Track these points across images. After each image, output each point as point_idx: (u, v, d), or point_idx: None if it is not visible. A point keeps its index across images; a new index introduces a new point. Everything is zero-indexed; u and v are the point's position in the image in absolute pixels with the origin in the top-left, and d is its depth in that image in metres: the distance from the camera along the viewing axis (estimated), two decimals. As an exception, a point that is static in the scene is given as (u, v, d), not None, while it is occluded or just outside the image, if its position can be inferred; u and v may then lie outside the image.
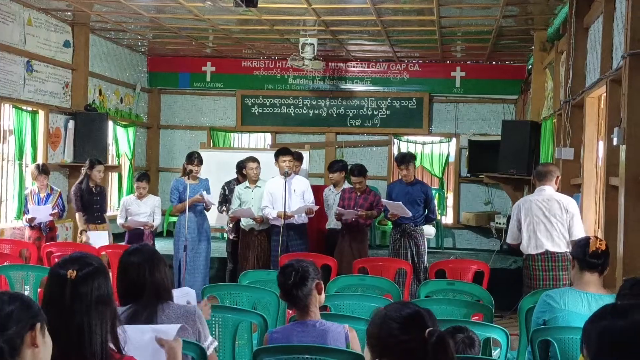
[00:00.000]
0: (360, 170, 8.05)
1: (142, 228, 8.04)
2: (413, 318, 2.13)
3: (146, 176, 8.36)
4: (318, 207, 8.03)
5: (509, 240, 6.49)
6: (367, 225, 8.13)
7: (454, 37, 10.23)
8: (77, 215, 8.16)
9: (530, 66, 10.65)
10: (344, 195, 8.12)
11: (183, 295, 3.53)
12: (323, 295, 3.40)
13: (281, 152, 8.03)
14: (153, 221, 8.16)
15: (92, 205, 8.05)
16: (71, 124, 9.89)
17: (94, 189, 8.13)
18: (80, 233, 8.17)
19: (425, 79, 12.31)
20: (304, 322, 3.35)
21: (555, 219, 6.04)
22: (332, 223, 8.48)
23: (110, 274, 2.56)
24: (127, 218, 8.16)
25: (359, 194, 8.04)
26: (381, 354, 2.15)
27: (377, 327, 2.17)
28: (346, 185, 8.57)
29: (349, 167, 8.41)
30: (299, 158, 8.73)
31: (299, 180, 8.12)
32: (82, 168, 8.24)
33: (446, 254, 10.79)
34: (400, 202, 7.45)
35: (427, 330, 2.07)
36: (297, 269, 3.31)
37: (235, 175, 8.76)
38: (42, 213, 7.89)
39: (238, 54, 12.35)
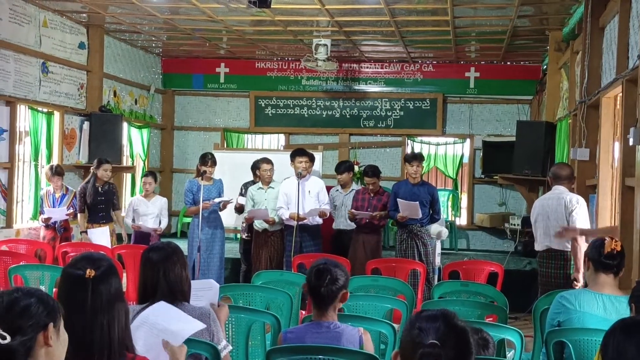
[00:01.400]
0: (374, 171, 8.05)
1: (149, 232, 8.08)
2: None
3: (152, 173, 8.45)
4: (330, 209, 8.03)
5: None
6: (381, 225, 8.12)
7: (468, 38, 10.20)
8: (79, 215, 8.19)
9: (545, 66, 10.60)
10: (357, 197, 8.12)
11: (205, 288, 3.52)
12: (341, 304, 3.41)
13: (297, 152, 8.05)
14: (160, 224, 8.21)
15: (96, 205, 8.08)
16: (86, 125, 9.95)
17: (100, 188, 8.14)
18: (81, 234, 8.21)
19: (439, 79, 12.28)
20: (319, 323, 3.35)
21: (556, 215, 6.07)
22: (340, 224, 8.48)
23: (125, 274, 2.60)
24: (133, 218, 8.20)
25: (372, 194, 8.04)
26: None
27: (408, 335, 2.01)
28: (355, 186, 8.58)
29: (363, 169, 8.41)
30: (310, 159, 8.73)
31: (313, 181, 8.12)
32: (91, 168, 8.28)
33: (460, 255, 10.76)
34: (417, 203, 7.43)
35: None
36: (333, 276, 3.31)
37: (250, 175, 8.79)
38: (58, 213, 7.95)
39: (251, 55, 12.38)
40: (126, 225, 8.43)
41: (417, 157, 7.90)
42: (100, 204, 8.10)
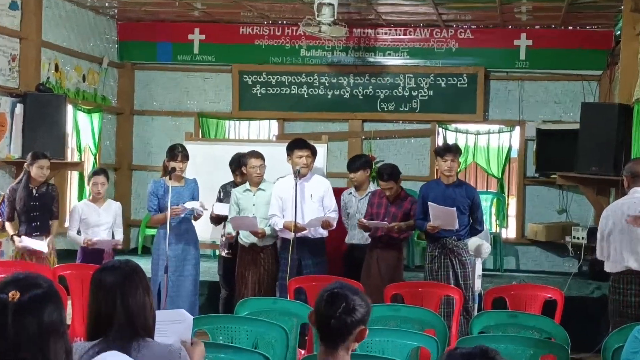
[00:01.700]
0: (391, 173, 8.07)
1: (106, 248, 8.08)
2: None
3: (104, 171, 8.45)
4: (336, 218, 8.04)
5: (598, 256, 6.54)
6: (402, 239, 8.12)
7: (518, -6, 10.21)
8: (7, 225, 8.16)
9: (619, 32, 10.58)
10: (373, 201, 8.13)
11: (175, 321, 3.52)
12: (357, 344, 3.39)
13: (296, 144, 8.06)
14: (113, 236, 8.23)
15: (29, 212, 8.05)
16: (19, 108, 9.95)
17: (34, 190, 8.13)
18: (12, 238, 8.16)
19: (479, 49, 12.26)
20: (326, 366, 3.35)
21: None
22: (355, 237, 8.48)
23: (70, 301, 2.60)
24: (79, 230, 8.19)
25: (390, 200, 8.05)
26: None
27: None
28: (372, 187, 8.57)
29: (377, 170, 8.41)
30: (313, 153, 8.74)
31: (317, 181, 8.13)
32: (25, 164, 8.27)
33: (507, 278, 10.74)
34: (454, 209, 7.43)
35: None
36: (350, 305, 3.29)
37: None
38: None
39: (235, 19, 12.39)
40: (69, 240, 8.42)
41: (452, 150, 7.89)
42: (33, 211, 8.06)
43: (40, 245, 7.88)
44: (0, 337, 2.32)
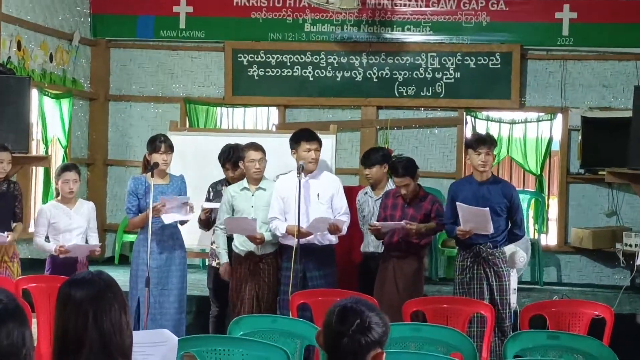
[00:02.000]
0: (406, 167, 8.06)
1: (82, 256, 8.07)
2: None
3: (75, 166, 8.41)
4: (347, 221, 8.04)
5: None
6: (422, 245, 8.12)
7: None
8: None
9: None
10: (386, 202, 8.13)
11: (156, 342, 3.53)
12: None
13: (303, 135, 8.06)
14: (87, 241, 8.21)
15: None
16: (-25, 93, 9.99)
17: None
18: None
19: (515, 23, 12.26)
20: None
21: None
22: (371, 244, 8.49)
23: (35, 319, 2.59)
24: (47, 237, 8.18)
25: (407, 200, 8.05)
26: None
27: None
28: (391, 185, 8.57)
29: (391, 164, 8.41)
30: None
31: (326, 179, 8.13)
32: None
33: (547, 292, 10.75)
34: (487, 209, 7.42)
35: None
36: (365, 322, 3.28)
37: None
38: None
39: (228, -13, 12.43)
40: (35, 248, 8.43)
41: (487, 141, 7.85)
42: None
43: None
44: None
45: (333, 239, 8.02)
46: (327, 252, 8.06)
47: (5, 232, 7.99)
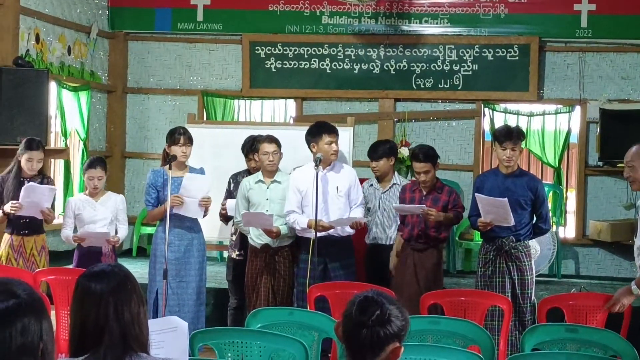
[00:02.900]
0: (427, 154, 8.06)
1: (101, 245, 8.09)
2: None
3: (101, 161, 8.42)
4: (367, 219, 8.05)
5: None
6: (441, 239, 8.11)
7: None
8: None
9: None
10: (404, 196, 8.13)
11: (166, 330, 3.54)
12: None
13: (326, 128, 8.06)
14: (116, 232, 8.22)
15: None
16: (-6, 86, 10.03)
17: (26, 182, 8.18)
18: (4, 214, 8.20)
19: (533, 15, 12.21)
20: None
21: None
22: (378, 234, 8.51)
23: (54, 312, 2.60)
24: (75, 229, 8.24)
25: (425, 192, 8.05)
26: None
27: None
28: (399, 179, 8.60)
29: (412, 150, 8.41)
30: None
31: (344, 171, 8.14)
32: (17, 151, 8.32)
33: (565, 285, 10.73)
34: (506, 199, 7.40)
35: None
36: (385, 314, 3.29)
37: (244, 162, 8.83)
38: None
39: (245, -21, 12.43)
40: (61, 239, 8.47)
41: (513, 135, 7.74)
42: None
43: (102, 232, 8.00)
44: None
45: (350, 230, 8.05)
46: (346, 242, 8.12)
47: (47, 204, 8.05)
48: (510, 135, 7.73)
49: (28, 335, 2.41)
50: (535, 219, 7.82)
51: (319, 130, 8.02)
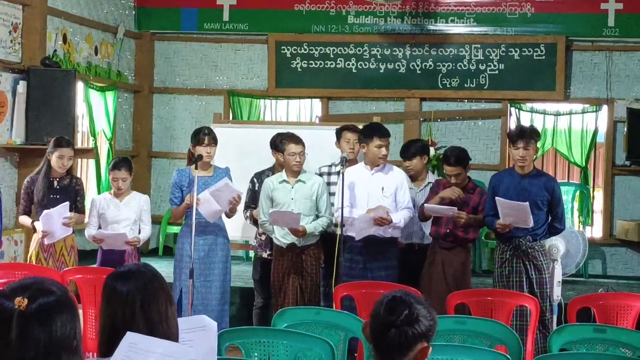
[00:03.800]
0: (458, 157, 8.04)
1: (119, 248, 8.09)
2: None
3: (126, 162, 8.43)
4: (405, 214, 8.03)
5: None
6: (469, 239, 8.09)
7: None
8: (20, 219, 8.28)
9: None
10: (437, 191, 8.09)
11: (194, 329, 3.54)
12: None
13: (377, 131, 8.11)
14: (139, 232, 8.25)
15: (47, 206, 8.12)
16: (22, 86, 10.06)
17: (56, 182, 8.24)
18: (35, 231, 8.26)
19: (560, 14, 12.17)
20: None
21: None
22: (413, 235, 8.49)
23: (81, 310, 2.61)
24: (100, 227, 8.26)
25: None
26: None
27: None
28: (431, 178, 8.59)
29: (443, 153, 8.40)
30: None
31: (392, 173, 8.16)
32: (47, 150, 8.34)
33: (592, 285, 10.68)
34: (527, 204, 7.38)
35: None
36: (413, 314, 3.29)
37: (270, 162, 8.82)
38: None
39: (271, -20, 12.44)
40: (86, 238, 8.50)
41: (525, 134, 7.80)
42: (52, 205, 8.08)
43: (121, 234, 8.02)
44: (2, 352, 2.33)
45: (395, 233, 8.04)
46: (389, 245, 8.08)
47: (69, 213, 8.03)
48: (522, 135, 7.76)
49: (66, 330, 2.43)
50: (550, 218, 7.80)
51: (372, 132, 8.06)
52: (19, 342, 2.36)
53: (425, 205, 7.97)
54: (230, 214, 8.22)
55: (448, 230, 7.97)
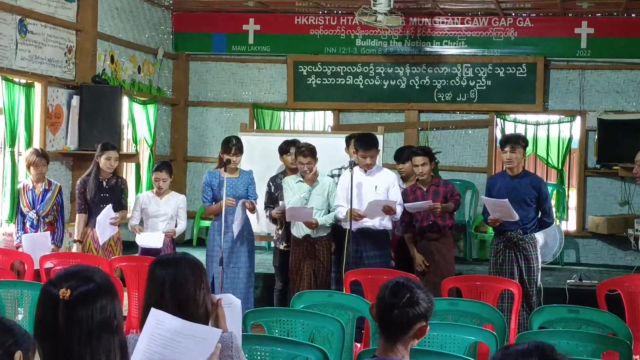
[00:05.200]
0: (424, 150, 8.30)
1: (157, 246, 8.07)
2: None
3: (167, 165, 8.46)
4: (401, 204, 8.01)
5: None
6: (449, 226, 8.12)
7: (579, -19, 10.06)
8: (77, 217, 8.33)
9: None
10: (407, 199, 8.12)
11: (224, 306, 3.54)
12: (417, 341, 3.41)
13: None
14: (176, 225, 8.26)
15: (98, 204, 8.17)
16: (75, 100, 10.10)
17: (104, 183, 8.26)
18: (74, 242, 8.31)
19: (539, 38, 12.14)
20: (385, 360, 3.35)
21: None
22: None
23: (126, 293, 2.62)
24: (142, 221, 8.29)
25: (424, 188, 8.05)
26: None
27: None
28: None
29: (413, 149, 8.60)
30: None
31: (383, 174, 8.14)
32: (95, 155, 8.37)
33: (568, 272, 10.63)
34: (507, 200, 7.38)
35: None
36: (414, 297, 3.31)
37: (282, 167, 8.84)
38: (39, 245, 7.86)
39: (290, 8, 12.42)
40: (129, 231, 8.52)
41: (510, 140, 7.83)
42: (103, 202, 8.14)
43: (156, 239, 8.01)
44: (52, 332, 2.34)
45: (388, 225, 8.02)
46: (382, 235, 8.08)
47: (115, 214, 8.05)
48: (508, 141, 7.84)
49: (105, 313, 2.45)
50: (540, 214, 7.79)
51: (358, 145, 8.09)
52: (65, 326, 2.39)
53: (406, 205, 7.95)
54: (251, 212, 8.20)
55: (430, 222, 8.01)
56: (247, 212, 8.16)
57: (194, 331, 2.99)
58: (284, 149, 8.77)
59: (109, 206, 7.98)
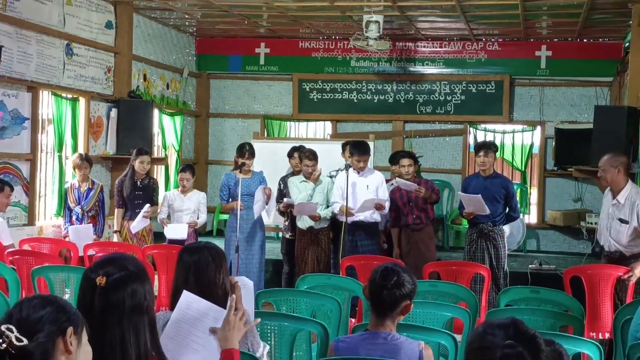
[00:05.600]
0: (409, 153, 8.37)
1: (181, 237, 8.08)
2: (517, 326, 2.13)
3: (190, 167, 8.50)
4: (388, 200, 8.02)
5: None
6: (431, 218, 8.14)
7: (539, 12, 10.04)
8: (115, 212, 8.35)
9: (628, 44, 10.38)
10: (394, 197, 8.13)
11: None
12: (402, 317, 3.42)
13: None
14: (198, 218, 8.28)
15: (133, 200, 8.20)
16: (114, 112, 10.11)
17: (139, 182, 8.27)
18: (114, 233, 8.36)
19: (505, 59, 12.15)
20: (375, 334, 3.37)
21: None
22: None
23: (157, 276, 2.62)
24: (169, 215, 8.31)
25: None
26: None
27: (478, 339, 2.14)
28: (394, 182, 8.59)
29: (397, 152, 8.58)
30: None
31: (372, 175, 8.15)
32: (131, 159, 8.39)
33: (530, 258, 10.63)
34: (479, 196, 7.39)
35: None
36: (400, 280, 3.34)
37: (290, 168, 8.85)
38: (83, 235, 7.91)
39: (295, 34, 12.41)
40: (159, 223, 8.53)
41: (484, 146, 7.86)
42: (137, 199, 8.19)
43: (181, 231, 8.03)
44: (88, 314, 2.33)
45: (377, 218, 8.05)
46: (373, 227, 8.11)
47: (148, 207, 8.06)
48: (482, 147, 7.88)
49: (136, 297, 2.44)
50: (507, 209, 7.79)
51: (353, 151, 8.06)
52: (100, 308, 2.39)
53: (397, 180, 8.06)
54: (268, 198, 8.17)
55: (415, 216, 8.05)
56: (263, 203, 8.13)
57: (218, 313, 2.99)
58: (290, 154, 8.82)
59: (147, 205, 8.04)
